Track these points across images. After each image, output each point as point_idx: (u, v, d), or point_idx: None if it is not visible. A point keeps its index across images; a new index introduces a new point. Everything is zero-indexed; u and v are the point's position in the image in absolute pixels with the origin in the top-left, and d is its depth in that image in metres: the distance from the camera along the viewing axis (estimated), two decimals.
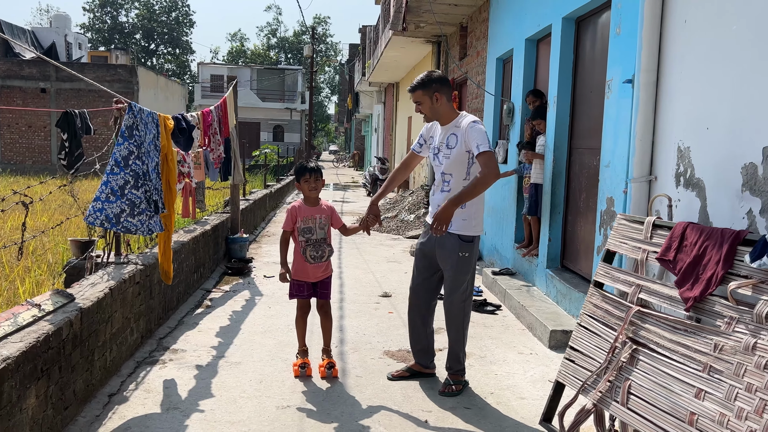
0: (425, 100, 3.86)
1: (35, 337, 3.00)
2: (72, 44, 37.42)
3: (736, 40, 3.16)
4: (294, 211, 4.23)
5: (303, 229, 4.19)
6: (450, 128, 3.87)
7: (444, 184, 3.89)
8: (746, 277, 2.58)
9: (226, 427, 3.43)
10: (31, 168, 28.08)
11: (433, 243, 3.95)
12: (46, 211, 11.51)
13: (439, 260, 3.95)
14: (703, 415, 2.53)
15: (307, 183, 4.19)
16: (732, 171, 3.15)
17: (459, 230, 3.82)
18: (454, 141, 3.82)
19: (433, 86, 3.83)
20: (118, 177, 3.86)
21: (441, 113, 3.89)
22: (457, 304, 3.94)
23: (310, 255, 4.16)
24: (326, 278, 4.31)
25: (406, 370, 4.21)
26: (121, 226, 3.95)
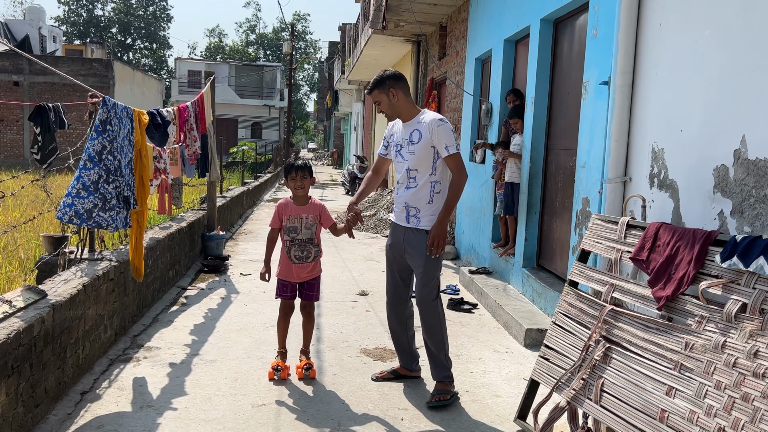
0: (383, 99, 3.84)
1: (5, 333, 2.95)
2: (46, 37, 36.81)
3: (708, 45, 3.21)
4: (281, 208, 4.15)
5: (288, 228, 4.12)
6: (412, 124, 3.83)
7: (410, 181, 3.83)
8: (717, 277, 2.62)
9: (200, 425, 3.40)
10: (3, 162, 27.55)
11: (400, 242, 3.90)
12: (18, 207, 11.31)
13: (408, 259, 3.90)
14: (674, 413, 2.58)
15: (294, 181, 4.08)
16: (704, 173, 3.20)
17: (427, 225, 3.78)
18: (417, 136, 3.77)
19: (387, 83, 3.81)
20: (92, 172, 3.80)
21: (400, 110, 3.87)
22: (429, 304, 3.85)
23: (294, 255, 4.09)
24: (312, 279, 4.21)
25: (390, 372, 4.15)
26: (93, 221, 3.90)
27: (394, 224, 4.00)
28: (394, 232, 3.98)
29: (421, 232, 3.79)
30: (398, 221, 3.94)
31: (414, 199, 3.80)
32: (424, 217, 3.78)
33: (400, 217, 3.91)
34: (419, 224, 3.79)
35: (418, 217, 3.81)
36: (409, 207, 3.83)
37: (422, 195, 3.78)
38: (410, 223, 3.84)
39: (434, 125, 3.70)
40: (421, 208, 3.79)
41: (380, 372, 4.17)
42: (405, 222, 3.87)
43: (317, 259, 4.18)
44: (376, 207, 12.88)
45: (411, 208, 3.82)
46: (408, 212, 3.84)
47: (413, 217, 3.82)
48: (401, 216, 3.89)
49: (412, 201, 3.81)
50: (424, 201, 3.78)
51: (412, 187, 3.81)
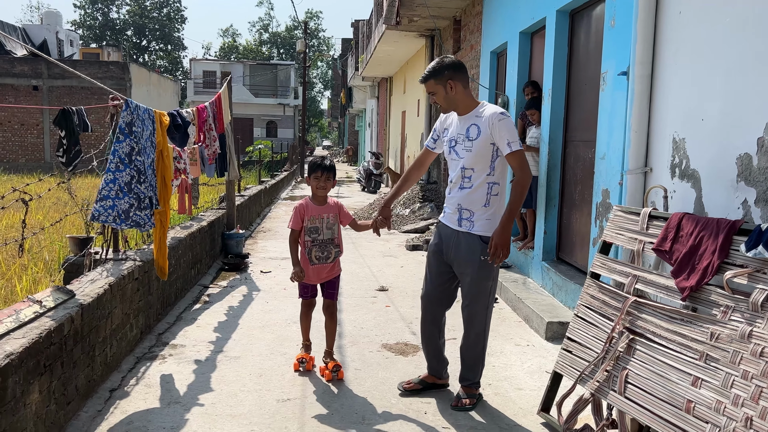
0: (439, 90, 3.52)
1: (37, 333, 3.01)
2: (63, 41, 37.22)
3: (728, 32, 3.19)
4: (301, 209, 4.06)
5: (309, 229, 4.04)
6: (469, 118, 3.51)
7: (464, 180, 3.51)
8: (742, 266, 2.61)
9: (227, 421, 3.45)
10: (25, 166, 27.94)
11: (449, 245, 3.59)
12: (41, 209, 11.48)
13: (455, 265, 3.59)
14: (700, 403, 2.57)
15: (317, 180, 3.99)
16: (727, 162, 3.18)
17: (481, 231, 3.48)
18: (475, 132, 3.46)
19: (446, 74, 3.48)
20: (124, 174, 3.87)
21: (458, 102, 3.53)
22: (480, 313, 3.58)
23: (315, 256, 4.02)
24: (333, 278, 4.18)
25: (418, 382, 3.87)
26: (131, 221, 3.97)
27: (442, 225, 3.69)
28: (443, 234, 3.66)
29: (473, 238, 3.49)
30: (448, 223, 3.62)
31: (468, 201, 3.50)
32: (478, 221, 3.48)
33: (451, 219, 3.60)
34: (472, 228, 3.49)
35: (471, 220, 3.50)
36: (462, 209, 3.52)
37: (477, 197, 3.48)
38: (462, 226, 3.53)
39: (495, 119, 3.39)
40: (476, 211, 3.49)
41: (408, 382, 3.88)
42: (456, 225, 3.55)
43: (337, 259, 4.14)
44: (393, 203, 12.87)
45: (464, 211, 3.51)
46: (461, 215, 3.53)
47: (466, 221, 3.51)
48: (453, 218, 3.58)
49: (466, 203, 3.51)
50: (480, 203, 3.48)
51: (467, 188, 3.50)
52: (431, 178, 13.37)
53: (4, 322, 2.98)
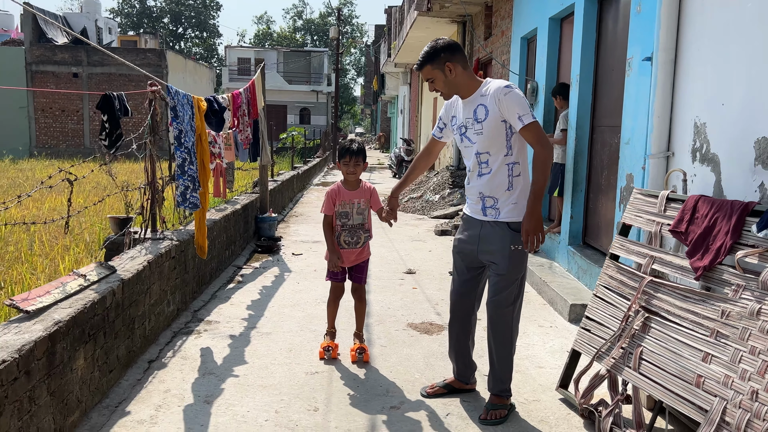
0: (437, 75, 3.25)
1: (83, 303, 3.24)
2: (102, 29, 38.01)
3: (751, 18, 3.22)
4: (333, 194, 4.06)
5: (340, 213, 4.05)
6: (475, 99, 3.24)
7: (482, 166, 3.26)
8: (753, 247, 2.68)
9: (258, 391, 3.65)
10: (65, 151, 28.74)
11: (475, 238, 3.34)
12: (82, 193, 11.87)
13: (483, 257, 3.34)
14: (709, 377, 2.66)
15: (346, 165, 3.96)
16: (745, 146, 3.23)
17: (508, 217, 3.22)
18: (483, 112, 3.19)
19: (442, 56, 3.21)
20: (178, 156, 4.07)
21: (459, 85, 3.26)
22: (505, 310, 3.31)
23: (344, 240, 4.05)
24: (362, 262, 4.19)
25: (443, 386, 3.65)
26: (188, 202, 4.17)
27: (467, 218, 3.44)
28: (468, 227, 3.42)
29: (501, 226, 3.23)
30: (473, 214, 3.38)
31: (489, 188, 3.24)
32: (504, 208, 3.23)
33: (474, 209, 3.36)
34: (498, 216, 3.24)
35: (496, 208, 3.24)
36: (485, 197, 3.27)
37: (499, 181, 3.22)
38: (487, 215, 3.28)
39: (501, 94, 3.12)
40: (500, 197, 3.23)
41: (431, 386, 3.66)
42: (481, 215, 3.30)
43: (366, 244, 4.15)
44: (423, 189, 13.00)
45: (487, 198, 3.26)
46: (484, 203, 3.28)
47: (491, 209, 3.26)
48: (476, 208, 3.34)
49: (487, 190, 3.25)
50: (502, 188, 3.22)
51: (486, 174, 3.25)
52: (461, 164, 13.43)
53: (53, 293, 3.21)
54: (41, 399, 2.75)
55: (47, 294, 3.16)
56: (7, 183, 14.66)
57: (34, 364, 2.68)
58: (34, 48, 29.56)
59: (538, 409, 3.49)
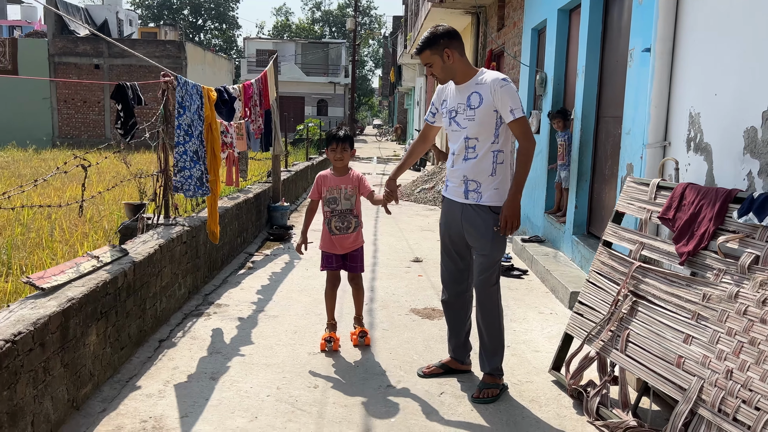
0: (435, 60, 3.37)
1: (95, 283, 3.41)
2: (123, 21, 38.43)
3: (742, 10, 3.29)
4: (320, 179, 4.16)
5: (328, 199, 4.12)
6: (470, 86, 3.38)
7: (468, 151, 3.41)
8: (734, 233, 2.77)
9: (262, 369, 3.81)
10: (87, 142, 29.19)
11: (458, 220, 3.50)
12: (102, 182, 12.14)
13: (469, 239, 3.50)
14: (689, 358, 2.76)
15: (333, 152, 4.05)
16: (735, 135, 3.30)
17: (490, 201, 3.39)
18: (477, 100, 3.34)
19: (441, 42, 3.33)
20: (190, 144, 4.24)
21: (456, 71, 3.40)
22: (492, 288, 3.49)
23: (335, 226, 4.11)
24: (355, 250, 4.23)
25: (439, 366, 3.78)
26: (204, 188, 4.34)
27: (448, 200, 3.58)
28: (449, 210, 3.57)
29: (483, 209, 3.39)
30: (454, 197, 3.52)
31: (474, 172, 3.40)
32: (485, 192, 3.39)
33: (456, 192, 3.50)
34: (480, 200, 3.40)
35: (479, 192, 3.40)
36: (468, 181, 3.43)
37: (483, 167, 3.38)
38: (469, 198, 3.43)
39: (497, 86, 3.28)
40: (482, 181, 3.39)
41: (428, 367, 3.80)
42: (463, 198, 3.46)
43: (358, 230, 4.18)
44: (435, 180, 13.09)
45: (471, 182, 3.42)
46: (467, 186, 3.44)
47: (473, 192, 3.42)
48: (458, 191, 3.48)
49: (471, 174, 3.41)
50: (486, 173, 3.38)
51: (471, 158, 3.40)
52: None
53: (67, 272, 3.39)
54: (55, 370, 2.93)
55: (62, 273, 3.34)
56: (30, 172, 14.99)
57: (49, 337, 2.85)
58: (57, 40, 30.01)
59: (530, 389, 3.61)
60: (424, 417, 3.26)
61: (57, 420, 2.95)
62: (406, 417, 3.26)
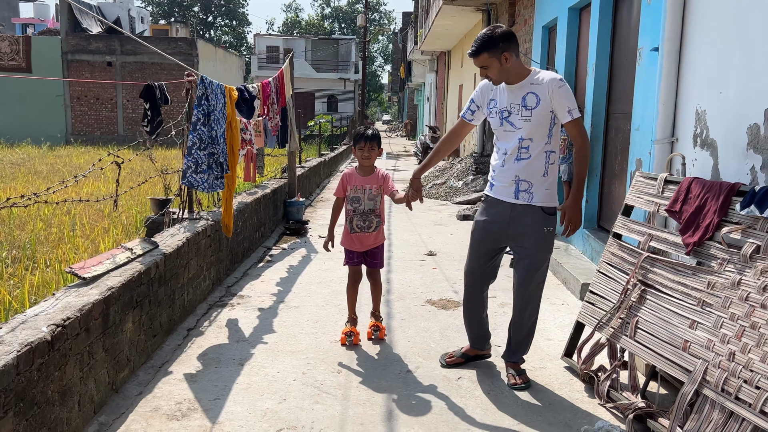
0: (492, 63, 3.34)
1: (131, 273, 3.61)
2: (135, 18, 38.76)
3: (747, 10, 3.43)
4: (345, 178, 4.20)
5: (351, 198, 4.16)
6: (524, 86, 3.38)
7: (521, 151, 3.41)
8: (737, 224, 2.93)
9: (287, 355, 4.00)
10: (100, 138, 29.53)
11: (505, 220, 3.50)
12: (128, 178, 12.39)
13: (514, 239, 3.53)
14: (695, 342, 2.92)
15: (361, 151, 4.08)
16: (740, 131, 3.45)
17: (542, 201, 3.42)
18: (533, 101, 3.34)
19: (500, 45, 3.30)
20: (188, 139, 4.44)
21: (512, 73, 3.39)
22: (539, 288, 3.59)
23: (356, 225, 4.15)
24: (376, 248, 4.28)
25: (461, 356, 3.88)
26: (187, 180, 4.54)
27: (493, 200, 3.57)
28: (495, 209, 3.56)
29: (534, 209, 3.42)
30: (503, 197, 3.51)
31: (527, 172, 3.41)
32: (537, 192, 3.41)
33: (506, 192, 3.49)
34: (531, 200, 3.42)
35: (530, 192, 3.42)
36: (520, 181, 3.43)
37: (536, 167, 3.40)
38: (520, 198, 3.44)
39: (555, 86, 3.31)
40: (535, 182, 3.41)
41: (450, 356, 3.91)
42: (513, 198, 3.46)
43: (379, 229, 4.21)
44: (447, 175, 13.24)
45: (522, 182, 3.42)
46: (518, 186, 3.44)
47: (524, 192, 3.43)
48: (508, 191, 3.48)
49: (524, 174, 3.41)
50: (539, 174, 3.41)
51: (524, 159, 3.40)
52: (485, 150, 13.64)
53: (104, 263, 3.59)
54: (98, 354, 3.13)
55: (100, 264, 3.54)
56: (47, 169, 15.28)
57: (92, 323, 3.05)
58: (70, 37, 30.33)
59: (544, 375, 3.78)
60: (444, 399, 3.44)
61: (99, 401, 3.16)
62: (426, 399, 3.44)
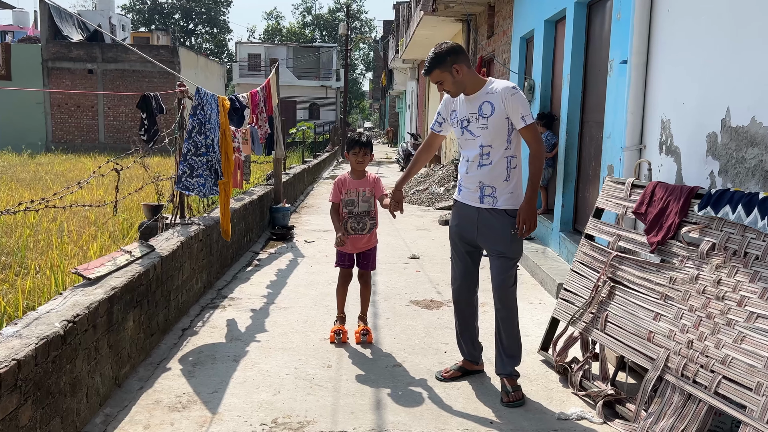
0: (446, 78, 3.50)
1: (132, 274, 3.80)
2: (116, 26, 38.68)
3: (704, 29, 3.74)
4: (339, 183, 4.35)
5: (346, 201, 4.31)
6: (480, 96, 3.50)
7: (483, 158, 3.52)
8: (695, 224, 3.21)
9: (279, 352, 4.21)
10: (81, 146, 29.40)
11: (473, 224, 3.61)
12: (111, 184, 12.47)
13: (482, 241, 3.63)
14: (658, 333, 3.19)
15: (356, 156, 4.22)
16: (700, 139, 3.74)
17: (507, 205, 3.52)
18: (489, 109, 3.46)
19: (448, 59, 3.46)
20: (184, 146, 4.65)
21: (466, 84, 3.52)
22: (511, 289, 3.64)
23: (350, 227, 4.29)
24: (369, 250, 4.42)
25: (457, 369, 3.90)
26: (182, 185, 4.74)
27: (461, 204, 3.69)
28: (464, 214, 3.67)
29: (499, 213, 3.52)
30: (469, 201, 3.63)
31: (490, 177, 3.52)
32: (501, 196, 3.52)
33: (471, 197, 3.61)
34: (496, 204, 3.52)
35: (494, 196, 3.52)
36: (484, 186, 3.54)
37: (498, 172, 3.51)
38: (485, 203, 3.55)
39: (508, 94, 3.42)
40: (498, 186, 3.51)
41: (446, 370, 3.90)
42: (478, 202, 3.57)
43: (373, 231, 4.38)
44: (428, 181, 13.52)
45: (486, 187, 3.53)
46: (483, 191, 3.55)
47: (489, 197, 3.54)
48: (473, 196, 3.59)
49: (487, 179, 3.52)
50: (501, 178, 3.51)
51: (486, 165, 3.52)
52: None
53: (106, 264, 3.78)
54: (103, 350, 3.32)
55: (102, 266, 3.73)
56: (29, 177, 15.30)
57: (99, 320, 3.25)
58: (50, 45, 30.22)
59: (522, 367, 3.99)
60: (428, 390, 3.68)
61: (104, 394, 3.34)
62: (411, 390, 3.67)
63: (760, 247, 2.81)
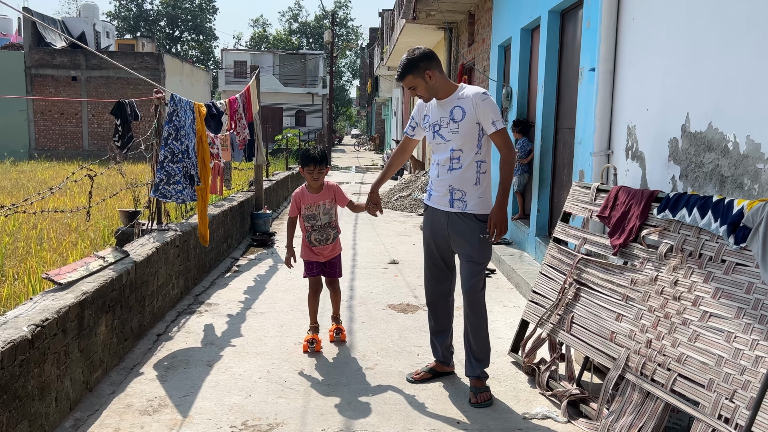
0: (418, 83, 3.53)
1: (104, 279, 3.83)
2: (100, 33, 38.51)
3: (665, 37, 3.83)
4: (297, 197, 4.31)
5: (307, 216, 4.29)
6: (451, 101, 3.56)
7: (453, 162, 3.56)
8: (655, 227, 3.29)
9: (253, 357, 4.24)
10: (65, 153, 29.26)
11: (444, 228, 3.66)
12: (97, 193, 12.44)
13: (456, 246, 3.67)
14: (620, 333, 3.27)
15: (311, 174, 4.19)
16: (662, 144, 3.84)
17: (476, 209, 3.55)
18: (460, 114, 3.51)
19: (421, 65, 3.50)
20: (160, 153, 4.69)
21: (438, 89, 3.57)
22: (480, 293, 3.65)
23: (314, 238, 4.30)
24: (334, 258, 4.45)
25: (428, 371, 3.93)
26: (159, 192, 4.77)
27: (432, 209, 3.72)
28: (434, 218, 3.71)
29: (468, 217, 3.55)
30: (438, 206, 3.66)
31: (459, 181, 3.55)
32: (470, 201, 3.55)
33: (441, 201, 3.64)
34: (465, 208, 3.56)
35: (464, 200, 3.56)
36: (453, 190, 3.57)
37: (468, 176, 3.54)
38: (455, 207, 3.58)
39: (478, 100, 3.47)
40: (468, 190, 3.55)
41: (417, 372, 3.94)
42: (448, 206, 3.61)
43: (336, 240, 4.39)
44: (411, 188, 13.60)
45: (456, 191, 3.57)
46: (452, 195, 3.58)
47: (459, 201, 3.57)
48: (443, 200, 3.62)
49: (457, 183, 3.56)
50: (471, 183, 3.54)
51: (456, 169, 3.55)
52: None
53: (78, 270, 3.80)
54: (74, 354, 3.34)
55: (74, 271, 3.75)
56: (11, 184, 15.23)
57: (68, 325, 3.27)
58: (34, 52, 30.10)
59: (492, 369, 4.07)
60: (398, 392, 3.73)
61: (74, 398, 3.37)
62: (382, 391, 3.72)
63: (714, 248, 2.90)
